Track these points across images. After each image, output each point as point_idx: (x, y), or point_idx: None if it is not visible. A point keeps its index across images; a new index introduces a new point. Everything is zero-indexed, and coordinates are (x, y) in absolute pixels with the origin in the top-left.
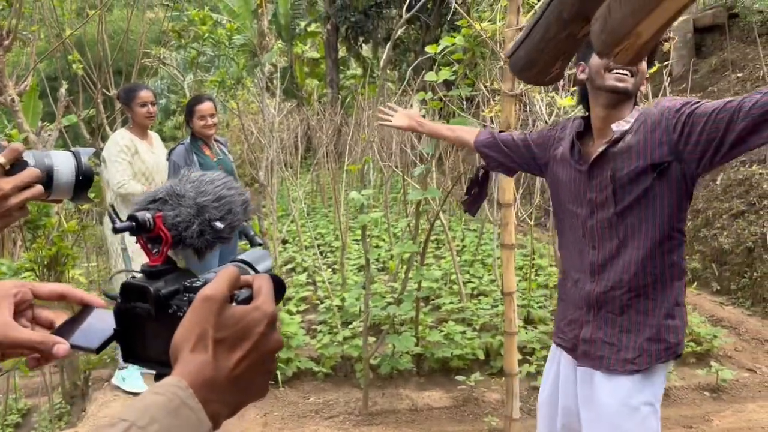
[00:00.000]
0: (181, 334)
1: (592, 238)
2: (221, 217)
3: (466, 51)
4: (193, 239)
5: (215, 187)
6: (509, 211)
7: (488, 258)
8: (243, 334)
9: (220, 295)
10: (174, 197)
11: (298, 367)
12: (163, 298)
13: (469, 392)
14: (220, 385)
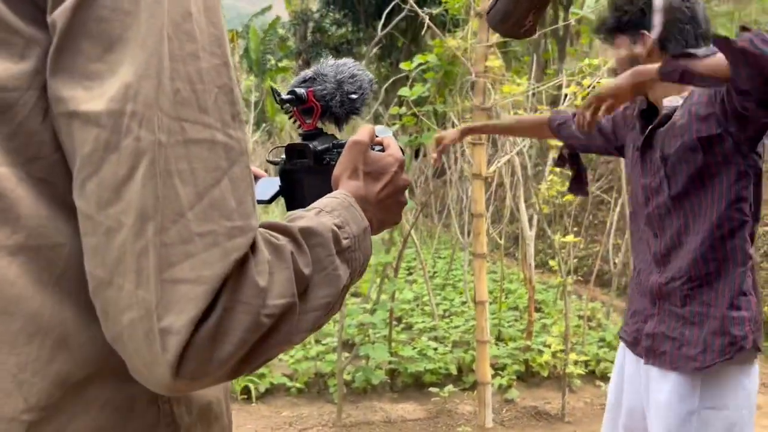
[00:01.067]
0: (339, 167)
1: (651, 225)
2: (355, 90)
3: (439, 69)
4: (336, 108)
5: (349, 68)
6: (480, 221)
7: (459, 282)
8: (383, 169)
9: (364, 140)
10: (320, 76)
11: (272, 382)
12: (319, 153)
13: (443, 404)
14: (371, 202)
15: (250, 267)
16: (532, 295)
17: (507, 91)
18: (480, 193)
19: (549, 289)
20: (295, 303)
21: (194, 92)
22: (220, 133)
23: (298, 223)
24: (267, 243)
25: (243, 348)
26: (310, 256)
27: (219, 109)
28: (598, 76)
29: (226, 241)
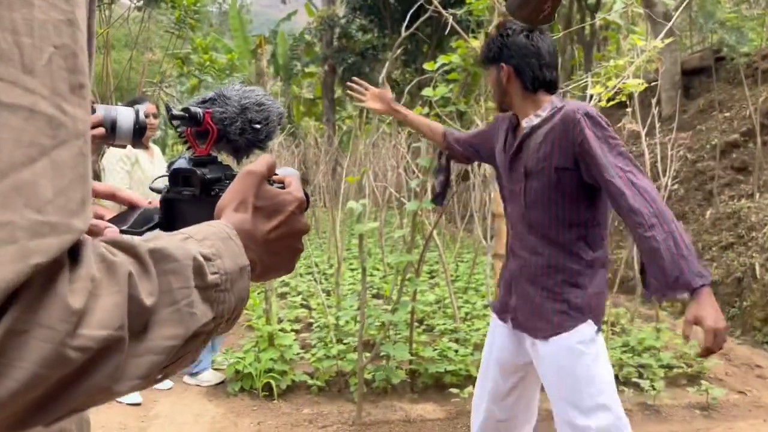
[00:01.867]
0: (226, 197)
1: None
2: (260, 120)
3: (462, 70)
4: (235, 135)
5: (257, 95)
6: (503, 222)
7: (481, 286)
8: (277, 208)
9: (259, 171)
10: (222, 98)
11: (293, 380)
12: (208, 182)
13: (462, 405)
14: (257, 241)
15: (61, 280)
16: None
17: None
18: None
19: None
20: (122, 338)
21: (17, 45)
22: (46, 103)
23: (151, 243)
24: (98, 256)
25: (36, 388)
26: (158, 284)
27: (51, 73)
28: (624, 77)
29: (26, 239)
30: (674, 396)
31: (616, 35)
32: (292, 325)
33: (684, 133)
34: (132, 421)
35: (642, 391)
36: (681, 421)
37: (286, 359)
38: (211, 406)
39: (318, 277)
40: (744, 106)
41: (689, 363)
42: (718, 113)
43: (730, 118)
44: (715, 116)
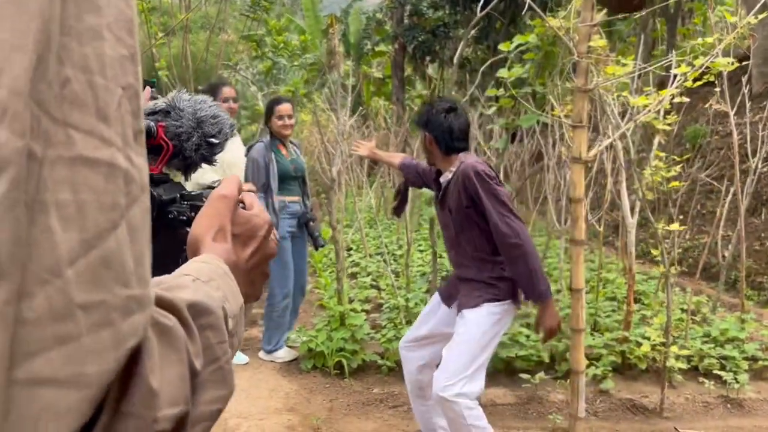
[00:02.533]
0: (201, 225)
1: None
2: (215, 133)
3: (539, 49)
4: (191, 151)
5: (209, 106)
6: (580, 207)
7: (554, 271)
8: (251, 233)
9: (233, 195)
10: (175, 110)
11: (363, 359)
12: (164, 204)
13: (533, 391)
14: (239, 272)
15: (143, 359)
16: (632, 285)
17: (611, 72)
18: (579, 177)
19: (650, 280)
20: (188, 413)
21: (91, 87)
22: (121, 155)
23: (182, 295)
24: (152, 322)
25: None
26: (200, 343)
27: (122, 119)
28: (713, 56)
29: (120, 320)
30: (759, 390)
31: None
32: (362, 305)
33: None
34: None
35: (724, 384)
36: (765, 415)
37: (357, 339)
38: (285, 382)
39: (387, 258)
40: None
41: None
42: None
43: None
44: None
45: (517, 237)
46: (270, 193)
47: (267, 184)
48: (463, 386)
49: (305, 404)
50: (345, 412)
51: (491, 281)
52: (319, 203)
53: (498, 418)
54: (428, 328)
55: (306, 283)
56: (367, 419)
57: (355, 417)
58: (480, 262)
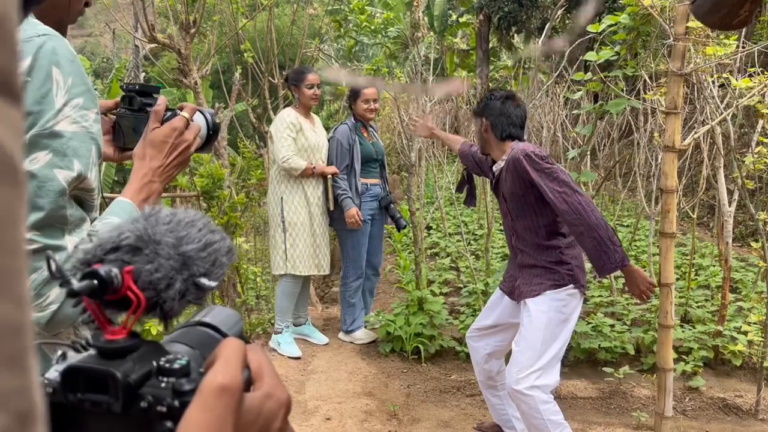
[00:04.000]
0: None
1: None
2: (207, 270)
3: (631, 30)
4: (173, 302)
5: (198, 231)
6: (671, 198)
7: (642, 254)
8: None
9: (238, 385)
10: (150, 244)
11: (441, 345)
12: (134, 387)
13: (617, 385)
14: None
15: None
16: (728, 275)
17: (711, 53)
18: (672, 166)
19: (748, 268)
20: None
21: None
22: None
23: None
24: None
25: None
26: None
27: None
28: None
29: None
30: None
31: None
32: (441, 288)
33: None
34: (293, 374)
35: None
36: None
37: (435, 324)
38: (363, 365)
39: (467, 237)
40: None
41: None
42: None
43: None
44: None
45: (576, 212)
46: (354, 174)
47: (351, 166)
48: (537, 379)
49: (383, 389)
50: (422, 399)
51: (550, 266)
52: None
53: (578, 412)
54: (493, 319)
55: (380, 264)
56: (444, 407)
57: (432, 404)
58: (538, 248)
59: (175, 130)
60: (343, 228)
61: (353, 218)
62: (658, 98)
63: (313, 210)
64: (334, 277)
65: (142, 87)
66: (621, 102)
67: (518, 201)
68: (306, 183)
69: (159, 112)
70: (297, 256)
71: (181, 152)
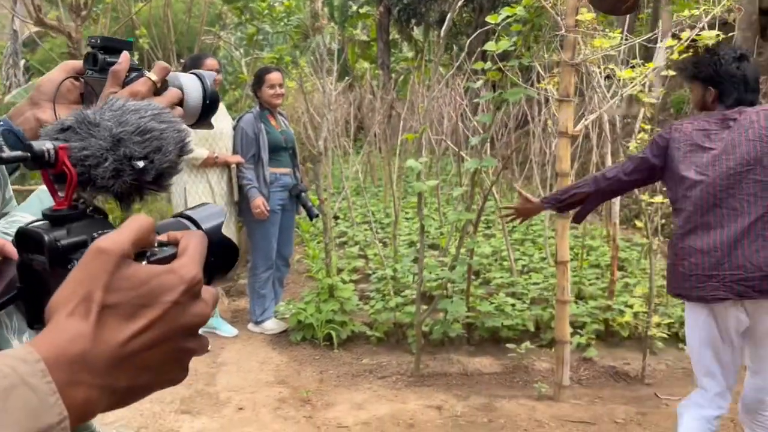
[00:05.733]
0: (61, 293)
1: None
2: (145, 154)
3: (526, 22)
4: (105, 180)
5: (140, 118)
6: (566, 181)
7: (539, 238)
8: (146, 300)
9: (118, 248)
10: (85, 126)
11: (352, 330)
12: (62, 250)
13: (519, 360)
14: (101, 363)
15: None
16: (616, 254)
17: (598, 45)
18: (566, 151)
19: (633, 247)
20: None
21: None
22: None
23: None
24: None
25: None
26: None
27: None
28: (699, 28)
29: None
30: None
31: None
32: (350, 276)
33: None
34: (202, 367)
35: None
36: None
37: (346, 310)
38: (274, 354)
39: (375, 226)
40: None
41: None
42: None
43: None
44: None
45: None
46: (261, 164)
47: (257, 155)
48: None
49: (295, 376)
50: (335, 383)
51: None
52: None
53: (484, 387)
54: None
55: (290, 254)
56: (357, 390)
57: (345, 388)
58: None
59: (136, 95)
60: (251, 219)
61: (259, 209)
62: (552, 87)
63: (218, 200)
64: (240, 269)
65: (105, 41)
66: (518, 91)
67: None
68: (210, 172)
69: (118, 73)
70: None
71: None
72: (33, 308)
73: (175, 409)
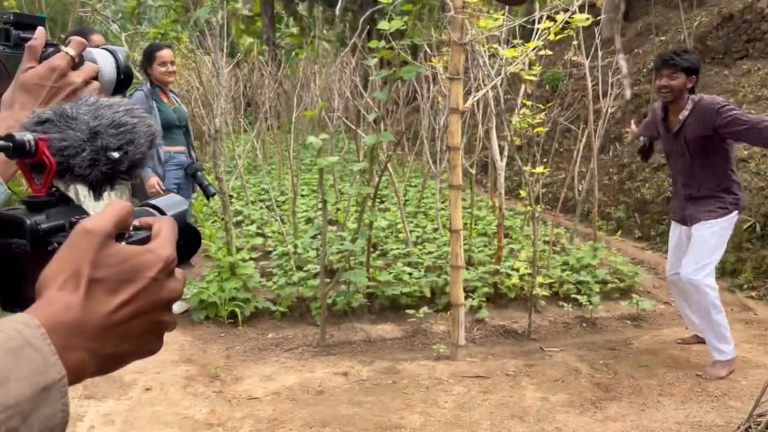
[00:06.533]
0: (51, 269)
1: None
2: (119, 147)
3: (416, 2)
4: (83, 169)
5: (114, 112)
6: (457, 154)
7: (430, 210)
8: (128, 276)
9: (102, 229)
10: (63, 119)
11: (256, 306)
12: (43, 233)
13: (418, 325)
14: (90, 330)
15: None
16: (502, 222)
17: (483, 25)
18: (457, 126)
19: (516, 215)
20: None
21: None
22: None
23: None
24: None
25: None
26: None
27: None
28: (571, 11)
29: None
30: (608, 309)
31: None
32: (250, 254)
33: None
34: None
35: (580, 306)
36: (614, 331)
37: (248, 287)
38: (178, 335)
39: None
40: (679, 30)
41: (622, 278)
42: (655, 36)
43: (665, 41)
44: (652, 39)
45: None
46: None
47: None
48: (708, 274)
49: (201, 354)
50: (242, 359)
51: (721, 195)
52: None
53: (387, 351)
54: (683, 250)
55: None
56: (265, 363)
57: (253, 362)
58: (712, 182)
59: (54, 70)
60: (146, 199)
61: (154, 188)
62: (440, 65)
63: None
64: None
65: (18, 17)
66: (412, 69)
67: (702, 142)
68: None
69: (35, 48)
70: None
71: (66, 98)
72: (6, 290)
73: (79, 395)
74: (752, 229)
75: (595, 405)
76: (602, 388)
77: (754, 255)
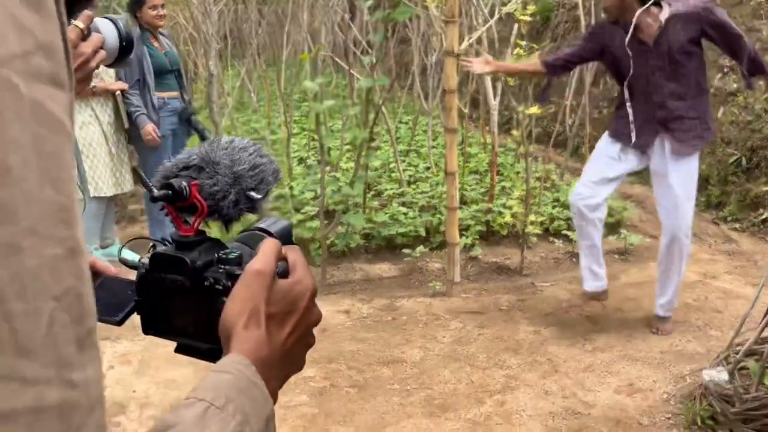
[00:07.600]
0: (233, 310)
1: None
2: (255, 186)
3: None
4: (229, 209)
5: (249, 155)
6: (452, 97)
7: (422, 148)
8: (290, 308)
9: (270, 270)
10: (210, 165)
11: None
12: (199, 270)
13: (414, 263)
14: (275, 361)
15: None
16: (495, 161)
17: None
18: (452, 69)
19: (507, 152)
20: None
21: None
22: (53, 390)
23: None
24: None
25: None
26: None
27: (55, 341)
28: None
29: None
30: None
31: None
32: None
33: None
34: None
35: (570, 242)
36: None
37: None
38: None
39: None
40: None
41: (611, 213)
42: None
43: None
44: None
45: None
46: (147, 89)
47: (143, 80)
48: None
49: None
50: None
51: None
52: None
53: (386, 290)
54: (618, 171)
55: None
56: None
57: None
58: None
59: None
60: (143, 146)
61: (150, 135)
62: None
63: (106, 129)
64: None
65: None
66: (407, 10)
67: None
68: (93, 101)
69: None
70: (98, 177)
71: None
72: (150, 320)
73: None
74: (738, 163)
75: (585, 337)
76: (591, 321)
77: (739, 188)
